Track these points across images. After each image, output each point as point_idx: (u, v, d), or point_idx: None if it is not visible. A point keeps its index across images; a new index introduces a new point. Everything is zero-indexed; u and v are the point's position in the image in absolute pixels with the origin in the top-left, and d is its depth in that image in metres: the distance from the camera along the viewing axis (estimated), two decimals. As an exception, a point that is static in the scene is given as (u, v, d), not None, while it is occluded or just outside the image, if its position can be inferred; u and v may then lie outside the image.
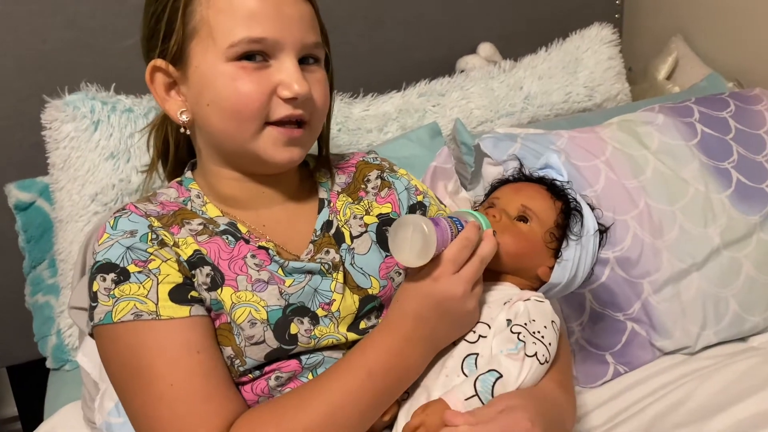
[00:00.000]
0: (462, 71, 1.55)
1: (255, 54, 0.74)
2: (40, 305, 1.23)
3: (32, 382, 1.34)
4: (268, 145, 0.76)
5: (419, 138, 1.30)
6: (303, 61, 0.77)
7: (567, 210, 0.84)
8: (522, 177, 0.92)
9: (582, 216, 0.84)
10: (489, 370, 0.71)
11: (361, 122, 1.35)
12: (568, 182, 0.88)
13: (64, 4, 1.21)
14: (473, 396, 0.70)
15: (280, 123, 0.76)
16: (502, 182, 0.93)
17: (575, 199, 0.86)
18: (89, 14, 1.23)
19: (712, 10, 1.69)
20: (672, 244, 1.15)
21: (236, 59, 0.73)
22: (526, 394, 0.72)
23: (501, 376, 0.70)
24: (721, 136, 1.28)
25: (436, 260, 0.72)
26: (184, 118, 0.78)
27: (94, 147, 1.11)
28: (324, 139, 0.90)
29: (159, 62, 0.77)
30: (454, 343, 0.76)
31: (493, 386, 0.70)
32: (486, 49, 1.59)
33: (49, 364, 1.20)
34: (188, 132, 0.82)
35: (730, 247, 1.18)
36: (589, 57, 1.55)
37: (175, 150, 0.89)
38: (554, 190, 0.86)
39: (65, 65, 1.23)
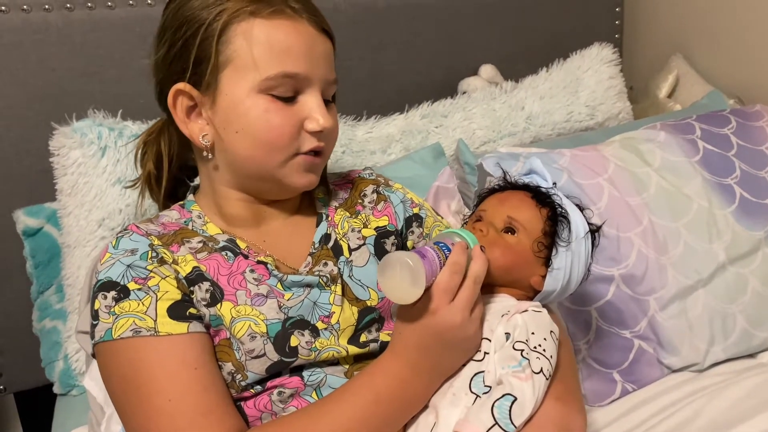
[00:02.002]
0: (464, 93, 1.56)
1: (286, 88, 0.76)
2: (47, 330, 1.23)
3: (40, 408, 1.34)
4: (292, 171, 0.80)
5: (422, 159, 1.31)
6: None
7: (553, 217, 0.82)
8: (507, 185, 0.89)
9: (569, 221, 0.82)
10: (504, 395, 0.69)
11: (365, 144, 1.36)
12: (554, 184, 0.86)
13: (72, 33, 1.23)
14: (494, 425, 0.68)
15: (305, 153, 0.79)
16: (490, 191, 0.90)
17: (561, 205, 0.83)
18: (96, 43, 1.25)
19: (712, 28, 1.70)
20: (677, 261, 1.15)
21: (268, 92, 0.76)
22: None
23: (516, 399, 0.69)
24: (723, 153, 1.28)
25: (429, 293, 0.70)
26: (206, 142, 0.80)
27: (101, 173, 1.12)
28: None
29: (183, 86, 0.78)
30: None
31: (510, 410, 0.68)
32: (487, 70, 1.61)
33: (56, 389, 1.20)
34: (210, 156, 0.81)
35: (735, 262, 1.17)
36: (590, 77, 1.56)
37: (168, 166, 0.89)
38: (539, 197, 0.84)
39: (73, 93, 1.25)
